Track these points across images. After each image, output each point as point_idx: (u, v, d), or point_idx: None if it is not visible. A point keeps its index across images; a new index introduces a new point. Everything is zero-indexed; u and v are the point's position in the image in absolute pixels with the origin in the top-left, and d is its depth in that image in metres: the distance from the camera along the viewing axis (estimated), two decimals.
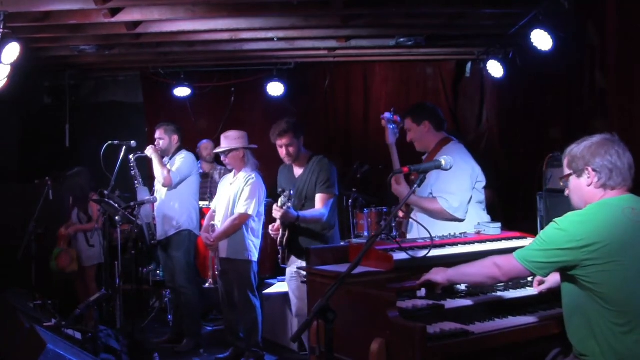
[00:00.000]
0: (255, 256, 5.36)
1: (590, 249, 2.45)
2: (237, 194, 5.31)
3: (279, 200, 4.39)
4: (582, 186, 2.63)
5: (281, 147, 4.74)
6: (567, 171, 2.70)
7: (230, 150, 5.34)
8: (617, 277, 2.43)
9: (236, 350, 5.44)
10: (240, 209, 5.22)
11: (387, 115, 4.06)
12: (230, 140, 5.34)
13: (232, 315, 5.47)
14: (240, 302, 5.32)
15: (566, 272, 2.57)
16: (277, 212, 4.39)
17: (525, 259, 2.60)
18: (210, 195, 6.73)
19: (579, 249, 2.46)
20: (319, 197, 4.64)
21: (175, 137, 6.01)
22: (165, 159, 6.03)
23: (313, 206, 4.65)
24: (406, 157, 4.04)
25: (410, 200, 3.97)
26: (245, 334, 5.37)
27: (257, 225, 5.38)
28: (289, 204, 4.35)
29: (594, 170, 2.57)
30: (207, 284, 5.47)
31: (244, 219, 5.21)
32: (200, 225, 5.93)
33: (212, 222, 5.43)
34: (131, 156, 5.83)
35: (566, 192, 2.75)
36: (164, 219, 5.87)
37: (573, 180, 2.67)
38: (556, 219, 2.58)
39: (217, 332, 6.36)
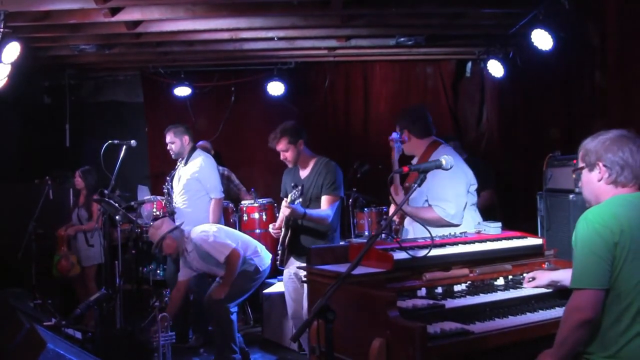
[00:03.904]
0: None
1: (619, 245, 2.41)
2: None
3: (289, 195, 4.53)
4: (593, 181, 2.60)
5: (279, 152, 4.80)
6: (580, 164, 2.66)
7: (161, 240, 5.18)
8: (634, 271, 2.41)
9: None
10: None
11: (394, 135, 4.08)
12: (156, 230, 5.20)
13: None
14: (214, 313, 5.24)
15: None
16: (286, 209, 4.49)
17: (586, 283, 2.43)
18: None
19: (614, 246, 2.42)
20: (325, 199, 4.66)
21: (186, 138, 6.00)
22: (181, 162, 6.01)
23: (318, 207, 4.66)
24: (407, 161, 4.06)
25: (407, 210, 3.95)
26: (218, 343, 5.27)
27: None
28: (299, 200, 4.48)
29: (604, 165, 2.54)
30: None
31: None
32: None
33: None
34: None
35: (579, 184, 2.70)
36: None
37: (585, 173, 2.63)
38: (577, 239, 2.48)
39: None
